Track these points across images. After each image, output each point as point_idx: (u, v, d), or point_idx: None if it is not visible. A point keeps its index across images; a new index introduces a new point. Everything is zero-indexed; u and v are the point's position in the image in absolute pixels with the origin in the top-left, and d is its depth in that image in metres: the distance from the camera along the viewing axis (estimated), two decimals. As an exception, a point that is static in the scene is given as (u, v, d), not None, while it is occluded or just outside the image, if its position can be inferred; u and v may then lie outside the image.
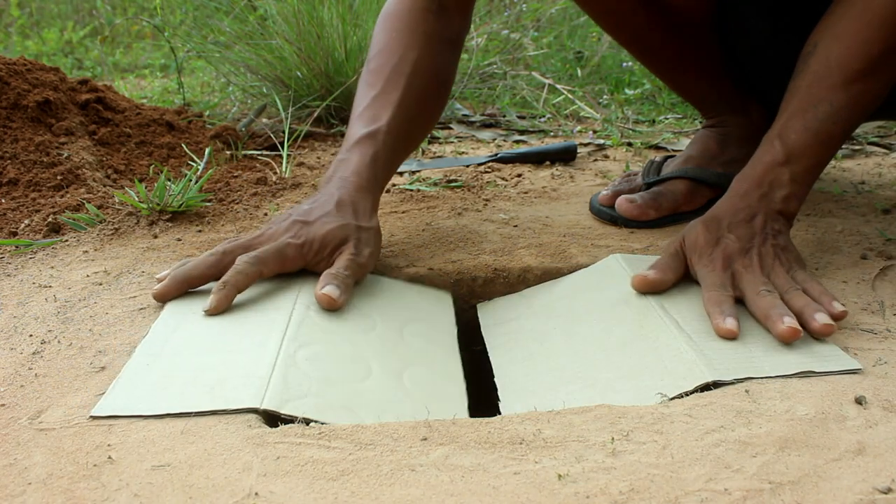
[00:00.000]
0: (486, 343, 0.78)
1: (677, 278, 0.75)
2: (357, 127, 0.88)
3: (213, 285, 0.74)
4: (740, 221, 0.76)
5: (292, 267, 0.77)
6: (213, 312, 0.71)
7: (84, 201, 1.04)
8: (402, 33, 0.92)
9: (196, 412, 0.56)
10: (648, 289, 0.74)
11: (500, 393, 0.69)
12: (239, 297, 0.73)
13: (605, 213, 1.01)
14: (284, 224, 0.79)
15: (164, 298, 0.75)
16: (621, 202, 0.99)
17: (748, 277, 0.71)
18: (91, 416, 0.56)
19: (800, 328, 0.64)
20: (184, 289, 0.75)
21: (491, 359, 0.75)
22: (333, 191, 0.83)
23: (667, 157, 1.10)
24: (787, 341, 0.64)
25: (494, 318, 0.82)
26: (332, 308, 0.72)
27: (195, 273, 0.76)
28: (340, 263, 0.77)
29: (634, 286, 0.75)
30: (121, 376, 0.61)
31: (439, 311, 0.81)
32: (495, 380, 0.71)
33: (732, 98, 1.08)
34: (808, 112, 0.77)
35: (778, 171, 0.77)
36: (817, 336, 0.65)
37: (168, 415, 0.56)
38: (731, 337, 0.65)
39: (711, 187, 1.03)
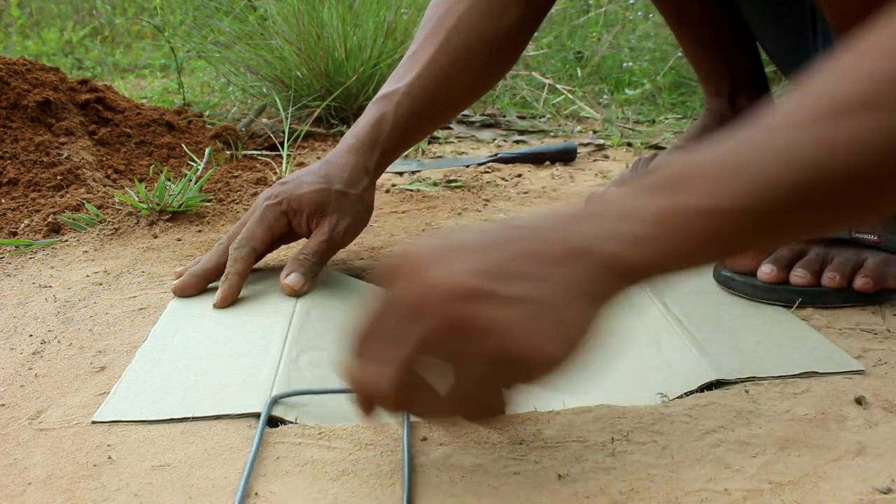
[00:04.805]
0: None
1: None
2: (382, 88, 0.83)
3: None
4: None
5: (279, 229, 0.77)
6: (222, 305, 0.72)
7: (84, 201, 1.04)
8: None
9: (198, 416, 0.56)
10: None
11: None
12: (239, 298, 0.74)
13: None
14: (268, 188, 0.79)
15: (183, 293, 0.75)
16: None
17: None
18: (92, 422, 0.56)
19: None
20: (203, 284, 0.76)
21: None
22: (328, 154, 0.81)
23: (654, 155, 1.10)
24: None
25: None
26: (293, 296, 0.73)
27: (210, 265, 0.76)
28: (311, 245, 0.76)
29: None
30: (122, 380, 0.61)
31: None
32: None
33: (721, 81, 1.06)
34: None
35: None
36: None
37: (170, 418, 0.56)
38: None
39: None
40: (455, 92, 0.84)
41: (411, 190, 1.18)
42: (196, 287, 0.75)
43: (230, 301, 0.73)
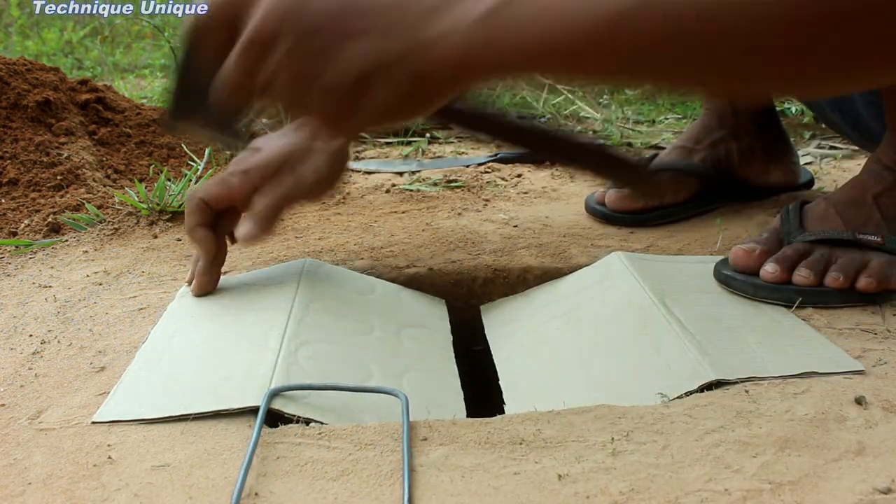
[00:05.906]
0: (490, 345, 0.78)
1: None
2: None
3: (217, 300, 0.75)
4: None
5: (240, 195, 0.73)
6: (199, 292, 0.73)
7: (84, 201, 1.04)
8: None
9: (197, 413, 0.56)
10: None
11: (504, 396, 0.69)
12: (238, 297, 0.74)
13: (598, 210, 1.02)
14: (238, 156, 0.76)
15: (204, 291, 0.75)
16: (610, 195, 1.00)
17: None
18: (92, 422, 0.56)
19: None
20: (215, 276, 0.75)
21: (495, 361, 0.75)
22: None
23: (655, 155, 1.10)
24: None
25: (497, 320, 0.82)
26: (247, 246, 0.71)
27: (190, 225, 0.74)
28: (265, 193, 0.72)
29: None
30: (122, 380, 0.61)
31: (435, 316, 0.81)
32: (500, 383, 0.71)
33: None
34: None
35: None
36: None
37: (170, 417, 0.56)
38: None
39: (697, 178, 1.03)
40: None
41: (411, 190, 1.18)
42: (211, 283, 0.75)
43: (206, 287, 0.73)
